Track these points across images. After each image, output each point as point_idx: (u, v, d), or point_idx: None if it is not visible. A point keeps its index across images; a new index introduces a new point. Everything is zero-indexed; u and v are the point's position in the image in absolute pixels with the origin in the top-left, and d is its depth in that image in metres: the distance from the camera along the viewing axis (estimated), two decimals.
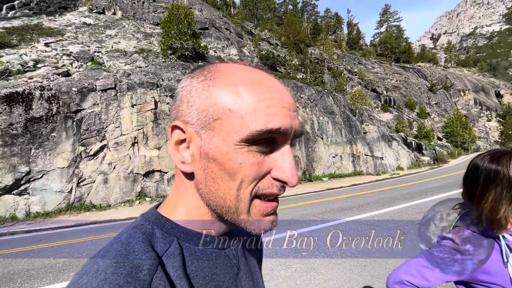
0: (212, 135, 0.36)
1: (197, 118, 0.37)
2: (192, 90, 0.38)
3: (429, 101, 40.74)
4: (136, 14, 19.20)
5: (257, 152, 0.36)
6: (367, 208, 7.04)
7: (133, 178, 10.60)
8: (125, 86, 11.31)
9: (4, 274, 3.78)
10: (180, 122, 0.38)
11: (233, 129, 0.35)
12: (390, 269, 3.22)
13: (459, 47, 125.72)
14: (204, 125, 0.36)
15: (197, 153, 0.37)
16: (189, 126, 0.37)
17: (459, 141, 33.35)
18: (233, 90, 0.36)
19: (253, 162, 0.36)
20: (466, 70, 68.49)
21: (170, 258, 0.36)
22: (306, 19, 47.52)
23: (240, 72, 0.38)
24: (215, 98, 0.36)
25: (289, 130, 0.37)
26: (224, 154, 0.36)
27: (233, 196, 0.37)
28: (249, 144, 0.35)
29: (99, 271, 0.30)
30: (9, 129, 8.87)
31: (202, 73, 0.39)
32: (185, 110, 0.38)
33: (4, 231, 7.32)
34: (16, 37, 12.75)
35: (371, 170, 18.80)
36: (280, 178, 0.37)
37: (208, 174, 0.37)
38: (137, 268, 0.32)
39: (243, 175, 0.36)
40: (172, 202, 0.42)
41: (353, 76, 33.43)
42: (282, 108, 0.36)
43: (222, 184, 0.37)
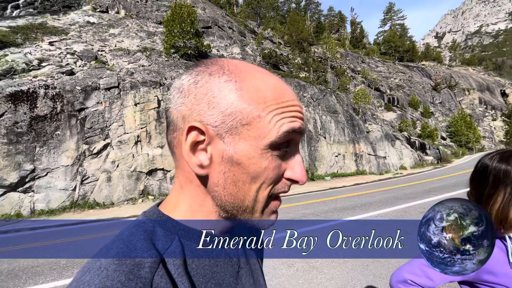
0: (237, 139, 0.36)
1: (222, 121, 0.36)
2: (214, 90, 0.36)
3: (433, 100, 40.40)
4: (139, 13, 19.24)
5: (278, 157, 0.38)
6: (370, 208, 7.02)
7: (136, 177, 10.66)
8: (128, 84, 11.36)
9: (9, 271, 3.84)
10: (198, 123, 0.36)
11: (261, 134, 0.36)
12: (393, 269, 3.21)
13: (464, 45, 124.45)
14: (230, 129, 0.36)
15: (217, 156, 0.37)
16: (210, 128, 0.36)
17: (463, 140, 33.06)
18: (261, 96, 0.36)
19: (275, 166, 0.38)
20: (471, 69, 67.79)
21: (171, 256, 0.37)
22: (309, 17, 47.30)
23: (262, 76, 0.38)
24: (245, 102, 0.36)
25: (304, 130, 0.40)
26: (250, 159, 0.36)
27: (252, 197, 0.38)
28: (272, 149, 0.37)
29: (101, 268, 0.31)
30: (14, 127, 8.96)
31: (223, 72, 0.38)
32: (205, 111, 0.36)
33: (9, 228, 7.41)
34: (20, 36, 12.85)
35: (374, 170, 18.72)
36: (292, 177, 0.39)
37: (228, 178, 0.37)
38: (138, 266, 0.32)
39: (265, 178, 0.37)
40: (174, 201, 0.42)
41: (356, 75, 33.25)
42: (298, 111, 0.39)
43: (242, 187, 0.37)
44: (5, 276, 3.63)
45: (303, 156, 15.78)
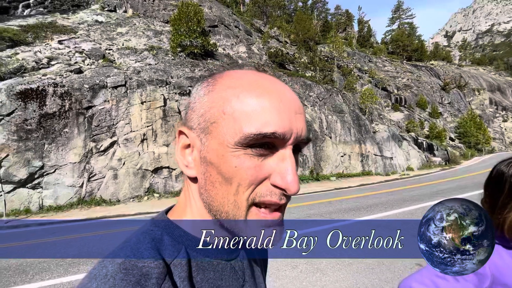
0: (209, 138, 0.37)
1: (198, 123, 0.38)
2: (196, 96, 0.40)
3: (441, 101, 39.72)
4: (146, 12, 19.38)
5: (254, 155, 0.35)
6: (375, 209, 6.94)
7: (142, 174, 10.76)
8: (135, 83, 11.46)
9: (17, 266, 3.92)
10: (185, 128, 0.40)
11: (228, 132, 0.35)
12: (399, 273, 3.17)
13: (474, 44, 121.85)
14: (203, 129, 0.37)
15: (198, 157, 0.38)
16: (191, 131, 0.39)
17: (472, 142, 32.41)
18: (229, 93, 0.36)
19: (248, 165, 0.35)
20: (482, 68, 66.38)
21: (178, 267, 0.36)
22: (316, 16, 46.95)
23: (239, 75, 0.38)
24: (212, 102, 0.37)
25: (287, 134, 0.35)
26: (220, 157, 0.36)
27: (230, 201, 0.36)
28: (244, 147, 0.34)
29: (108, 277, 0.30)
30: (24, 124, 9.13)
31: (207, 80, 0.40)
32: (190, 116, 0.40)
33: (18, 223, 7.57)
34: (31, 34, 13.07)
35: (380, 170, 18.51)
36: (277, 184, 0.35)
37: (207, 178, 0.37)
38: (146, 276, 0.32)
39: (239, 179, 0.35)
40: (181, 208, 0.42)
41: (363, 75, 32.89)
42: (280, 111, 0.35)
43: (220, 188, 0.36)
44: (13, 271, 3.71)
45: (308, 156, 15.70)
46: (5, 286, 3.28)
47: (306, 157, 15.59)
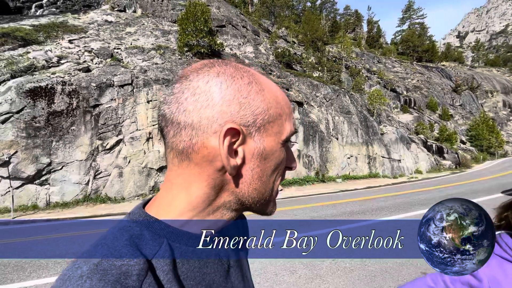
0: (265, 136, 0.40)
1: (253, 121, 0.39)
2: (242, 91, 0.39)
3: (452, 103, 38.78)
4: (155, 12, 19.55)
5: (286, 149, 0.44)
6: (381, 213, 6.77)
7: (147, 173, 10.82)
8: (142, 82, 11.54)
9: (16, 263, 3.95)
10: (233, 124, 0.37)
11: (280, 130, 0.41)
12: (401, 281, 3.03)
13: (488, 45, 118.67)
14: (259, 127, 0.39)
15: (249, 155, 0.39)
16: (244, 128, 0.38)
17: (484, 145, 31.52)
18: (276, 96, 0.42)
19: (285, 157, 0.43)
20: (495, 70, 64.52)
21: (160, 261, 0.35)
22: (325, 16, 46.55)
23: (265, 80, 0.43)
24: (269, 103, 0.40)
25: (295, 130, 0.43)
26: (274, 153, 0.41)
27: (270, 188, 0.42)
28: (284, 143, 0.42)
29: (84, 277, 0.28)
30: (33, 122, 9.29)
31: (243, 75, 0.40)
32: (237, 112, 0.38)
33: (25, 219, 7.71)
34: (42, 34, 13.34)
35: (387, 173, 18.16)
36: (290, 165, 0.45)
37: (256, 173, 0.40)
38: (125, 275, 0.30)
39: (280, 168, 0.43)
40: (166, 202, 0.40)
41: (372, 75, 32.40)
42: (291, 114, 0.45)
43: (266, 180, 0.41)
44: (12, 268, 3.73)
45: (314, 157, 15.54)
46: (1, 283, 3.30)
47: (312, 158, 15.42)
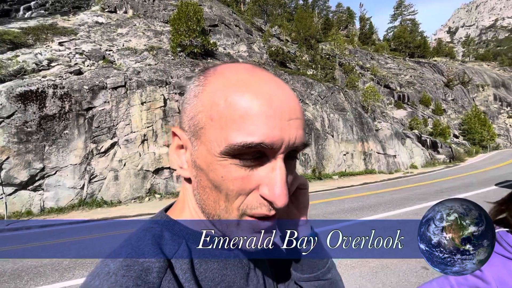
0: (199, 144, 0.36)
1: (188, 126, 0.37)
2: (187, 96, 0.38)
3: (445, 97, 39.29)
4: (146, 12, 19.34)
5: (241, 166, 0.33)
6: (379, 209, 6.82)
7: (143, 175, 10.72)
8: (135, 83, 11.41)
9: (13, 271, 3.86)
10: (177, 129, 0.39)
11: (214, 139, 0.34)
12: (404, 277, 3.05)
13: (478, 40, 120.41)
14: (193, 133, 0.36)
15: (190, 161, 0.38)
16: (184, 133, 0.38)
17: (477, 138, 32.03)
18: (218, 96, 0.34)
19: (235, 176, 0.34)
20: (486, 64, 65.54)
21: (179, 260, 0.36)
22: (317, 14, 46.65)
23: (231, 74, 0.36)
24: (201, 105, 0.35)
25: (276, 144, 0.33)
26: (208, 165, 0.35)
27: (222, 206, 0.36)
28: (231, 157, 0.33)
29: (110, 274, 0.31)
30: (24, 126, 9.11)
31: (198, 77, 0.38)
32: (182, 117, 0.39)
33: (20, 225, 7.56)
34: (32, 37, 13.08)
35: (383, 169, 18.33)
36: (265, 196, 0.34)
37: (199, 182, 0.37)
38: (146, 271, 0.32)
39: (227, 189, 0.34)
40: (180, 205, 0.43)
41: (365, 72, 32.61)
42: (269, 118, 0.32)
43: (210, 193, 0.36)
44: (8, 277, 3.65)
45: (311, 154, 15.57)
46: None
47: (308, 156, 15.46)
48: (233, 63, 0.38)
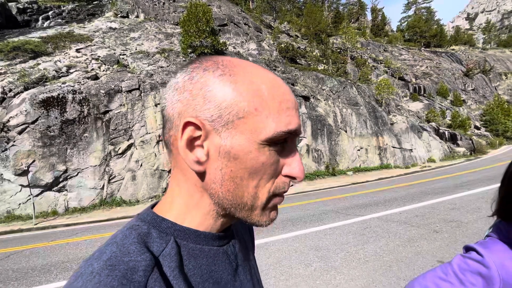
0: (234, 133, 0.35)
1: (218, 115, 0.35)
2: (209, 84, 0.36)
3: (464, 87, 37.61)
4: (157, 16, 19.74)
5: (275, 152, 0.37)
6: (394, 204, 6.71)
7: (159, 175, 11.04)
8: (148, 86, 11.72)
9: (43, 265, 4.15)
10: (193, 118, 0.36)
11: (258, 128, 0.35)
12: (418, 271, 3.03)
13: (500, 26, 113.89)
14: (226, 123, 0.35)
15: (214, 152, 0.36)
16: (206, 123, 0.36)
17: (500, 129, 30.49)
18: (256, 89, 0.36)
19: (272, 161, 0.37)
20: (509, 51, 61.99)
21: (167, 258, 0.36)
22: (327, 8, 45.79)
23: (256, 71, 0.38)
24: (240, 95, 0.35)
25: (299, 131, 0.39)
26: (247, 153, 0.36)
27: (251, 193, 0.37)
28: (270, 144, 0.36)
29: (94, 273, 0.30)
30: (47, 131, 9.61)
31: (217, 67, 0.37)
32: (201, 106, 0.36)
33: (46, 224, 8.02)
34: (51, 45, 13.71)
35: (399, 163, 17.87)
36: (290, 174, 0.38)
37: (226, 174, 0.36)
38: (132, 270, 0.31)
39: (263, 174, 0.37)
40: (170, 201, 0.41)
41: (379, 65, 31.76)
42: (295, 110, 0.38)
43: (240, 183, 0.37)
44: (38, 271, 3.93)
45: (323, 150, 15.44)
46: (31, 284, 3.48)
47: (321, 152, 15.33)
48: (237, 58, 0.40)
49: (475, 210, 5.41)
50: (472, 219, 4.83)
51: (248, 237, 0.56)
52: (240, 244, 0.48)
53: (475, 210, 5.37)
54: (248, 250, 0.52)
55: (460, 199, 6.45)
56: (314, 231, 4.91)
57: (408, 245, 3.89)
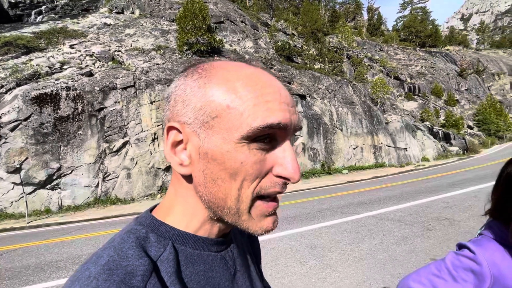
0: (210, 134, 0.35)
1: (194, 117, 0.36)
2: (187, 89, 0.37)
3: (458, 87, 38.10)
4: (153, 12, 19.52)
5: (258, 150, 0.35)
6: (389, 202, 6.78)
7: (154, 173, 10.97)
8: (144, 83, 11.61)
9: (36, 265, 4.10)
10: (175, 123, 0.37)
11: (232, 126, 0.34)
12: (412, 268, 3.07)
13: (493, 26, 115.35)
14: (202, 124, 0.35)
15: (195, 154, 0.36)
16: (186, 126, 0.36)
17: (492, 129, 31.02)
18: (230, 86, 0.35)
19: (254, 160, 0.35)
20: (502, 51, 62.91)
21: (164, 263, 0.35)
22: (324, 6, 45.84)
23: (235, 68, 0.37)
24: (212, 95, 0.35)
25: (289, 125, 0.36)
26: (224, 153, 0.35)
27: (234, 196, 0.36)
28: (249, 142, 0.34)
29: (91, 278, 0.29)
30: (41, 128, 9.46)
31: (196, 71, 0.38)
32: (181, 110, 0.37)
33: (40, 223, 7.92)
34: (44, 40, 13.46)
35: (394, 162, 18.05)
36: (282, 174, 0.36)
37: (207, 175, 0.36)
38: (130, 275, 0.31)
39: (245, 175, 0.35)
40: (168, 205, 0.41)
41: (374, 64, 31.96)
42: (280, 103, 0.36)
43: (222, 185, 0.36)
44: (32, 270, 3.88)
45: (319, 149, 15.50)
46: (24, 284, 3.44)
47: (317, 150, 15.40)
48: (225, 61, 0.40)
49: (468, 208, 5.50)
50: (465, 217, 4.91)
51: (246, 241, 0.54)
52: (239, 249, 0.47)
53: (468, 209, 5.47)
54: (248, 256, 0.51)
55: (453, 198, 6.55)
56: (310, 229, 4.94)
57: (402, 243, 3.95)
